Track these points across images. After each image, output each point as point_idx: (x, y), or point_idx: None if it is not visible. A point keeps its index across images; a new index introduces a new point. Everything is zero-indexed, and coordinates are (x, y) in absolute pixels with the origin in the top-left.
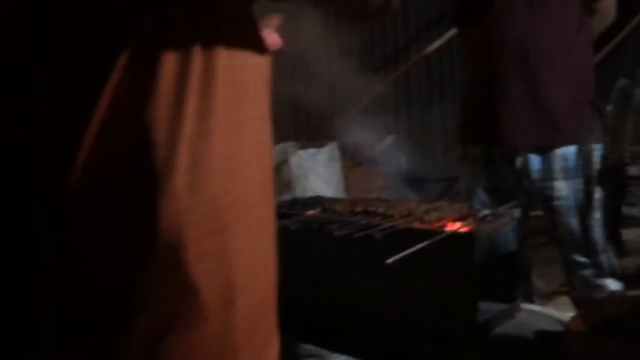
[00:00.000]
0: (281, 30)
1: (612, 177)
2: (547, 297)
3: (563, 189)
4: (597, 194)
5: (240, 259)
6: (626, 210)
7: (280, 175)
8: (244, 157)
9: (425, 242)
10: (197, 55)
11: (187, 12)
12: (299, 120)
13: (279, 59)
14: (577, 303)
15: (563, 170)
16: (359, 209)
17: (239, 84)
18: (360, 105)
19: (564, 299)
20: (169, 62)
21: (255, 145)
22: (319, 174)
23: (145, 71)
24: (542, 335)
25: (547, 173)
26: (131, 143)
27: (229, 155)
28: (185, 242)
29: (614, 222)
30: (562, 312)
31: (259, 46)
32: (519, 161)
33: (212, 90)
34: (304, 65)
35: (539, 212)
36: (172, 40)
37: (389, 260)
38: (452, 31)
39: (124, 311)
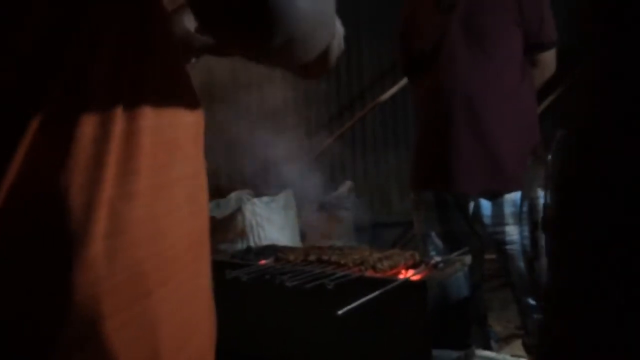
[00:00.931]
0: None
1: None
2: (504, 341)
3: (514, 233)
4: (542, 240)
5: (167, 324)
6: None
7: (235, 223)
8: (173, 218)
9: (377, 292)
10: (118, 118)
11: (105, 75)
12: (253, 169)
13: (234, 105)
14: (529, 349)
15: (513, 215)
16: (312, 257)
17: (166, 143)
18: (316, 152)
19: (520, 342)
20: (87, 125)
21: (187, 205)
22: (273, 222)
23: (60, 135)
24: None
25: (498, 218)
26: (44, 209)
27: (154, 217)
28: (103, 313)
29: None
30: (517, 357)
31: (190, 103)
32: (470, 206)
33: (136, 152)
34: (260, 114)
35: (493, 255)
36: (90, 103)
37: (341, 312)
38: (405, 80)
39: None
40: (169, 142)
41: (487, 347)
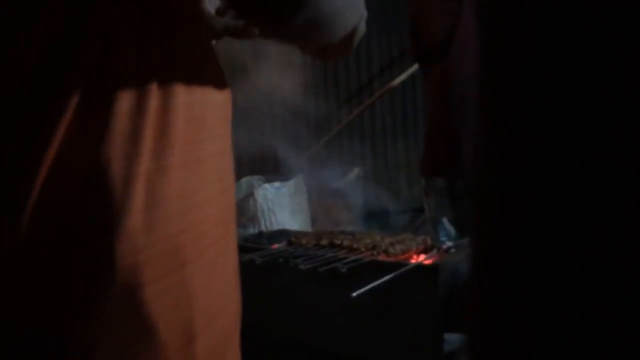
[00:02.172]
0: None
1: None
2: None
3: None
4: None
5: (200, 297)
6: None
7: (246, 208)
8: (202, 195)
9: (390, 275)
10: (154, 93)
11: (139, 50)
12: (264, 154)
13: (245, 92)
14: None
15: None
16: (325, 242)
17: (197, 120)
18: (325, 138)
19: None
20: (125, 100)
21: (216, 182)
22: (284, 207)
23: (100, 110)
24: None
25: None
26: (86, 182)
27: (186, 193)
28: (143, 281)
29: None
30: None
31: (218, 82)
32: None
33: (170, 128)
34: (270, 100)
35: None
36: (128, 79)
37: (355, 294)
38: (414, 67)
39: (75, 357)
40: (199, 120)
41: None
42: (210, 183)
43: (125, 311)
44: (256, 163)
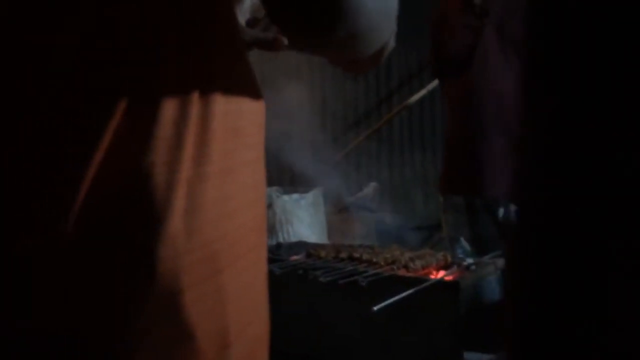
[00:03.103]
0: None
1: None
2: None
3: None
4: None
5: (233, 304)
6: None
7: None
8: (237, 202)
9: (411, 290)
10: (195, 101)
11: (181, 58)
12: (282, 166)
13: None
14: None
15: None
16: (344, 255)
17: (234, 129)
18: (343, 152)
19: None
20: (169, 107)
21: (250, 190)
22: (302, 219)
23: (145, 116)
24: None
25: None
26: (130, 187)
27: (222, 201)
28: (182, 286)
29: None
30: None
31: (253, 91)
32: (500, 211)
33: (209, 136)
34: (288, 113)
35: None
36: (171, 86)
37: (376, 308)
38: (433, 83)
39: (120, 358)
40: (236, 129)
41: None
42: (245, 191)
43: (164, 316)
44: (275, 174)
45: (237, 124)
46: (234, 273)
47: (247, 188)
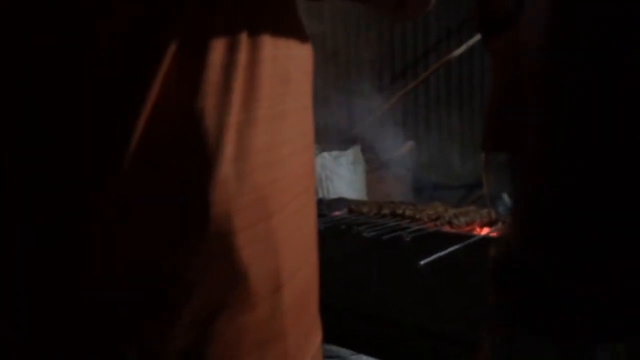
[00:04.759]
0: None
1: None
2: None
3: None
4: None
5: (284, 248)
6: None
7: None
8: (286, 149)
9: (458, 245)
10: (243, 46)
11: (229, 2)
12: (320, 124)
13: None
14: None
15: None
16: (386, 211)
17: (282, 75)
18: (380, 111)
19: None
20: (217, 51)
21: (298, 137)
22: (342, 176)
23: (194, 60)
24: None
25: None
26: (181, 130)
27: (271, 146)
28: (235, 228)
29: None
30: None
31: (301, 36)
32: None
33: (257, 81)
34: (325, 71)
35: None
36: (220, 31)
37: (422, 262)
38: (473, 39)
39: (170, 298)
40: (284, 74)
41: None
42: (293, 138)
43: (219, 257)
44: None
45: (285, 70)
46: (284, 218)
47: (296, 135)
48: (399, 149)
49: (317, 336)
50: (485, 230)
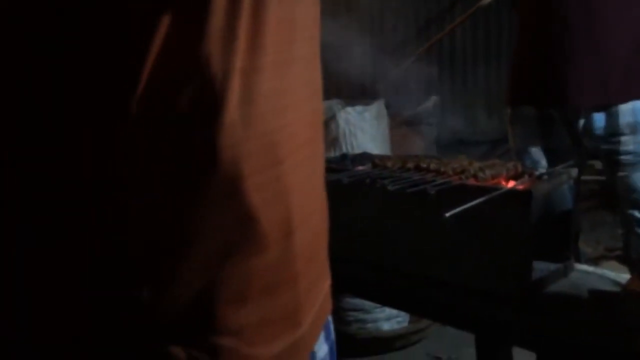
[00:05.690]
0: None
1: None
2: (593, 262)
3: (630, 143)
4: None
5: (295, 194)
6: None
7: (328, 131)
8: (292, 96)
9: (483, 198)
10: None
11: None
12: (342, 78)
13: (325, 16)
14: (630, 263)
15: (630, 125)
16: (410, 165)
17: (288, 21)
18: (404, 65)
19: (611, 264)
20: None
21: (305, 85)
22: (366, 131)
23: (197, 6)
24: (597, 295)
25: (613, 128)
26: (188, 75)
27: (278, 93)
28: (242, 174)
29: None
30: (616, 273)
31: None
32: (580, 122)
33: (262, 28)
34: (349, 25)
35: (587, 177)
36: None
37: (448, 214)
38: None
39: (181, 240)
40: (290, 20)
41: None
42: (300, 85)
43: (227, 200)
44: (338, 86)
45: (291, 15)
46: (293, 164)
47: (302, 82)
48: (424, 104)
49: (326, 282)
50: (511, 184)
